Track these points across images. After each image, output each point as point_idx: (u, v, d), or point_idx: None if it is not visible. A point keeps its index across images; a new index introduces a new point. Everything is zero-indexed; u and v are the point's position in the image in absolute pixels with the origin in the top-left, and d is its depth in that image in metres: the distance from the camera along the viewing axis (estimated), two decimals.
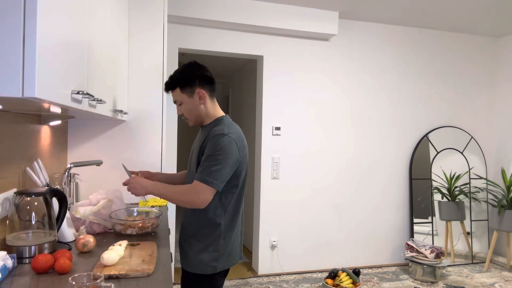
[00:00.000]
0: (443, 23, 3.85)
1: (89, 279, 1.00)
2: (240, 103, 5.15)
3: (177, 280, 3.45)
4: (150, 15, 2.34)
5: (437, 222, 4.02)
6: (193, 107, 1.60)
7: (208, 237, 1.56)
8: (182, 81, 1.58)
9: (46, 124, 1.84)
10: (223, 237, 1.57)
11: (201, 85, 1.59)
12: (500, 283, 3.55)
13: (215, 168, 1.46)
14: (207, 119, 1.64)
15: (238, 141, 1.54)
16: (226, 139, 1.49)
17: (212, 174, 1.46)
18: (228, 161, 1.48)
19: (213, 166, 1.47)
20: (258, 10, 3.33)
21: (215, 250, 1.56)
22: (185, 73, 1.59)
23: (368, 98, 3.91)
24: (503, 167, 4.20)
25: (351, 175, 3.88)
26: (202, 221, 1.57)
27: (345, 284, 3.10)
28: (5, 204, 1.37)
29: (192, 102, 1.59)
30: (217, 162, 1.47)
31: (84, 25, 1.21)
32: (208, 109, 1.63)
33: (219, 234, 1.56)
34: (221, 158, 1.47)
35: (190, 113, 1.62)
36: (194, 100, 1.59)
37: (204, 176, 1.46)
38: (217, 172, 1.46)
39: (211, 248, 1.56)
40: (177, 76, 1.59)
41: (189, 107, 1.60)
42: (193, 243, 1.58)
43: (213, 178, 1.46)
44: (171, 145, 3.29)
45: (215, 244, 1.56)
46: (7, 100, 0.88)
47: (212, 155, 1.48)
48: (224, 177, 1.49)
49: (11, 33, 0.77)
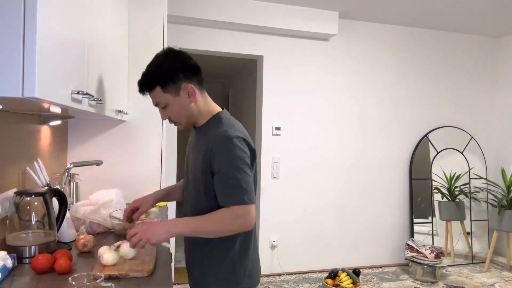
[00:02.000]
0: (443, 23, 3.85)
1: (89, 279, 1.00)
2: (240, 103, 5.15)
3: (177, 280, 3.45)
4: (150, 15, 2.34)
5: (437, 222, 4.02)
6: (181, 107, 1.28)
7: (221, 263, 1.33)
8: (162, 78, 1.24)
9: (46, 124, 1.84)
10: (239, 260, 1.34)
11: (187, 78, 1.27)
12: (500, 283, 3.55)
13: (243, 182, 1.23)
14: (201, 118, 1.34)
15: (247, 138, 1.30)
16: (235, 142, 1.23)
17: (246, 191, 1.23)
18: (247, 167, 1.26)
19: (240, 181, 1.22)
20: (258, 10, 3.33)
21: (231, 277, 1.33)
22: (164, 67, 1.25)
23: (368, 98, 3.91)
24: (503, 167, 4.20)
25: (351, 175, 3.88)
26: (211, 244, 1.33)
27: (345, 284, 3.10)
28: (5, 204, 1.37)
29: (179, 101, 1.27)
30: (241, 175, 1.23)
31: (84, 25, 1.21)
32: (201, 107, 1.32)
33: (233, 257, 1.32)
34: (240, 167, 1.23)
35: (179, 115, 1.30)
36: (182, 99, 1.27)
37: (240, 196, 1.22)
38: (246, 185, 1.24)
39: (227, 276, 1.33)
40: (154, 72, 1.25)
41: (176, 109, 1.28)
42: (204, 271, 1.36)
43: (247, 194, 1.24)
44: (171, 145, 3.29)
45: (231, 270, 1.33)
46: (7, 100, 0.88)
47: (232, 168, 1.23)
48: (252, 186, 1.28)
49: (11, 33, 0.77)
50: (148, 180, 2.34)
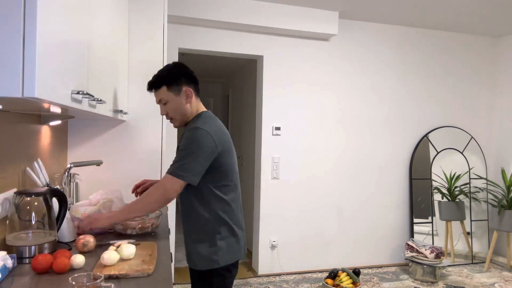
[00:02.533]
0: (443, 23, 3.85)
1: (89, 279, 1.00)
2: (240, 103, 5.15)
3: (177, 280, 3.45)
4: (150, 15, 2.34)
5: (437, 222, 4.02)
6: (179, 105, 1.59)
7: (204, 234, 1.56)
8: (169, 79, 1.58)
9: (46, 124, 1.84)
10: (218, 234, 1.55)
11: (187, 83, 1.60)
12: (500, 283, 3.55)
13: (185, 161, 1.44)
14: (191, 118, 1.63)
15: (214, 134, 1.50)
16: (199, 131, 1.47)
17: (182, 167, 1.44)
18: (200, 152, 1.45)
19: (184, 159, 1.45)
20: (258, 10, 3.33)
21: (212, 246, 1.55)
22: (171, 72, 1.60)
23: (368, 98, 3.91)
24: (503, 167, 4.20)
25: (351, 175, 3.88)
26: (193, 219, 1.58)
27: (345, 284, 3.10)
28: (5, 204, 1.36)
29: (178, 100, 1.58)
30: (188, 154, 1.45)
31: (84, 25, 1.21)
32: (193, 108, 1.62)
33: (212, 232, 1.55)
34: (192, 150, 1.45)
35: (176, 112, 1.60)
36: (181, 98, 1.58)
37: (174, 170, 1.44)
38: (188, 164, 1.44)
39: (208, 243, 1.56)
40: (164, 75, 1.59)
41: (175, 106, 1.59)
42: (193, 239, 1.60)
43: (182, 170, 1.44)
44: (171, 145, 3.29)
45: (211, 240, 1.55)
46: (7, 100, 0.88)
47: (184, 149, 1.46)
48: (197, 170, 1.46)
49: (11, 33, 0.77)
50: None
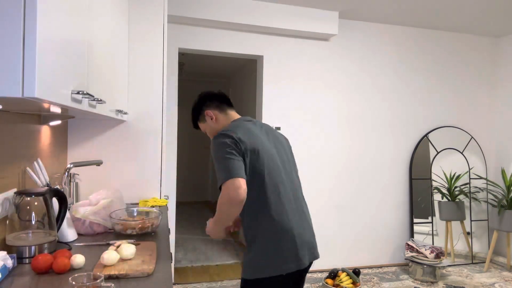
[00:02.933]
0: (443, 23, 3.85)
1: (89, 279, 1.00)
2: (240, 103, 5.15)
3: (177, 280, 3.45)
4: (150, 15, 2.34)
5: (437, 222, 4.02)
6: (210, 128, 1.76)
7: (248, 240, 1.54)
8: (195, 116, 1.79)
9: (46, 124, 1.84)
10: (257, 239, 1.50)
11: (206, 106, 1.74)
12: (500, 283, 3.55)
13: (225, 165, 1.42)
14: None
15: (227, 132, 1.51)
16: (213, 140, 1.53)
17: (221, 172, 1.42)
18: (222, 152, 1.45)
19: (218, 167, 1.46)
20: (258, 10, 3.33)
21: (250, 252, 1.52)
22: (195, 108, 1.79)
23: (368, 97, 3.91)
24: (503, 167, 4.20)
25: (351, 175, 3.88)
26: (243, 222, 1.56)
27: (345, 284, 3.10)
28: (5, 204, 1.37)
29: (208, 124, 1.76)
30: (216, 161, 1.47)
31: (84, 25, 1.21)
32: (223, 122, 1.73)
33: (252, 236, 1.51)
34: (217, 155, 1.47)
35: (211, 133, 1.77)
36: (208, 122, 1.75)
37: (220, 179, 1.43)
38: (221, 167, 1.44)
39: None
40: (192, 115, 1.82)
41: (208, 130, 1.78)
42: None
43: (226, 172, 1.41)
44: (171, 145, 3.29)
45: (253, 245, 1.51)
46: (7, 100, 0.88)
47: (215, 158, 1.49)
48: (237, 166, 1.42)
49: (11, 33, 0.77)
50: (148, 180, 2.34)
